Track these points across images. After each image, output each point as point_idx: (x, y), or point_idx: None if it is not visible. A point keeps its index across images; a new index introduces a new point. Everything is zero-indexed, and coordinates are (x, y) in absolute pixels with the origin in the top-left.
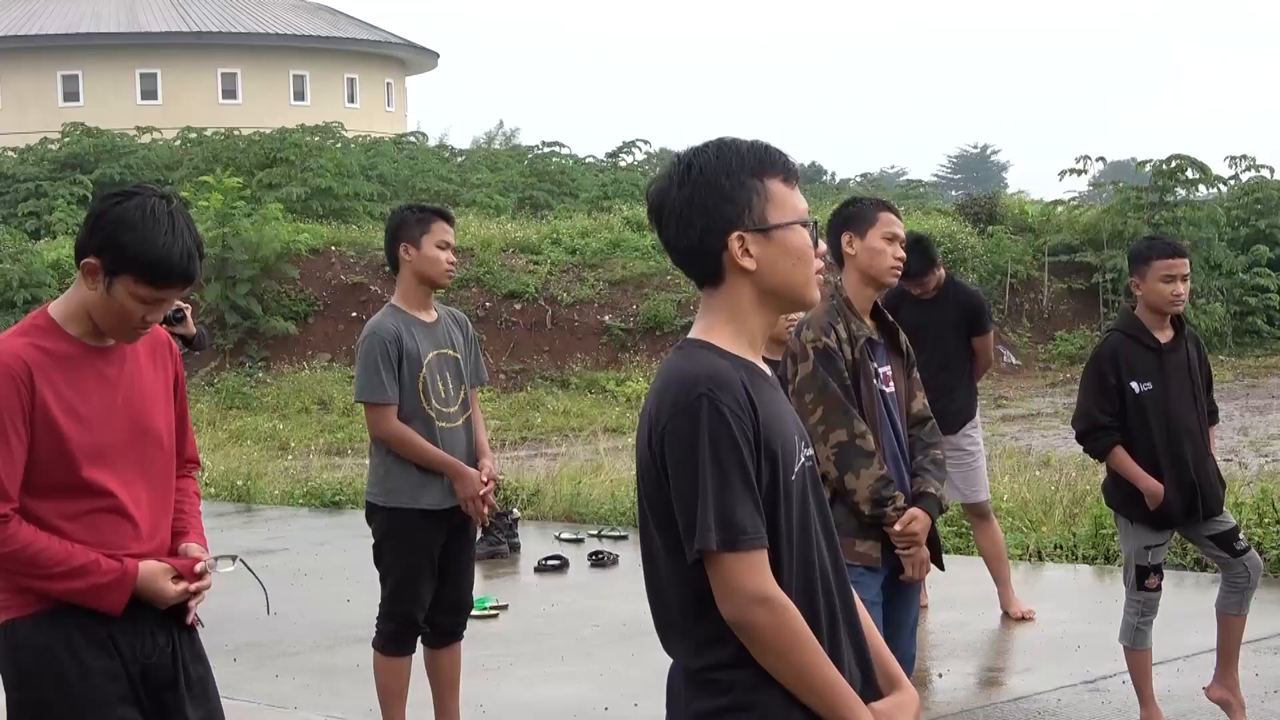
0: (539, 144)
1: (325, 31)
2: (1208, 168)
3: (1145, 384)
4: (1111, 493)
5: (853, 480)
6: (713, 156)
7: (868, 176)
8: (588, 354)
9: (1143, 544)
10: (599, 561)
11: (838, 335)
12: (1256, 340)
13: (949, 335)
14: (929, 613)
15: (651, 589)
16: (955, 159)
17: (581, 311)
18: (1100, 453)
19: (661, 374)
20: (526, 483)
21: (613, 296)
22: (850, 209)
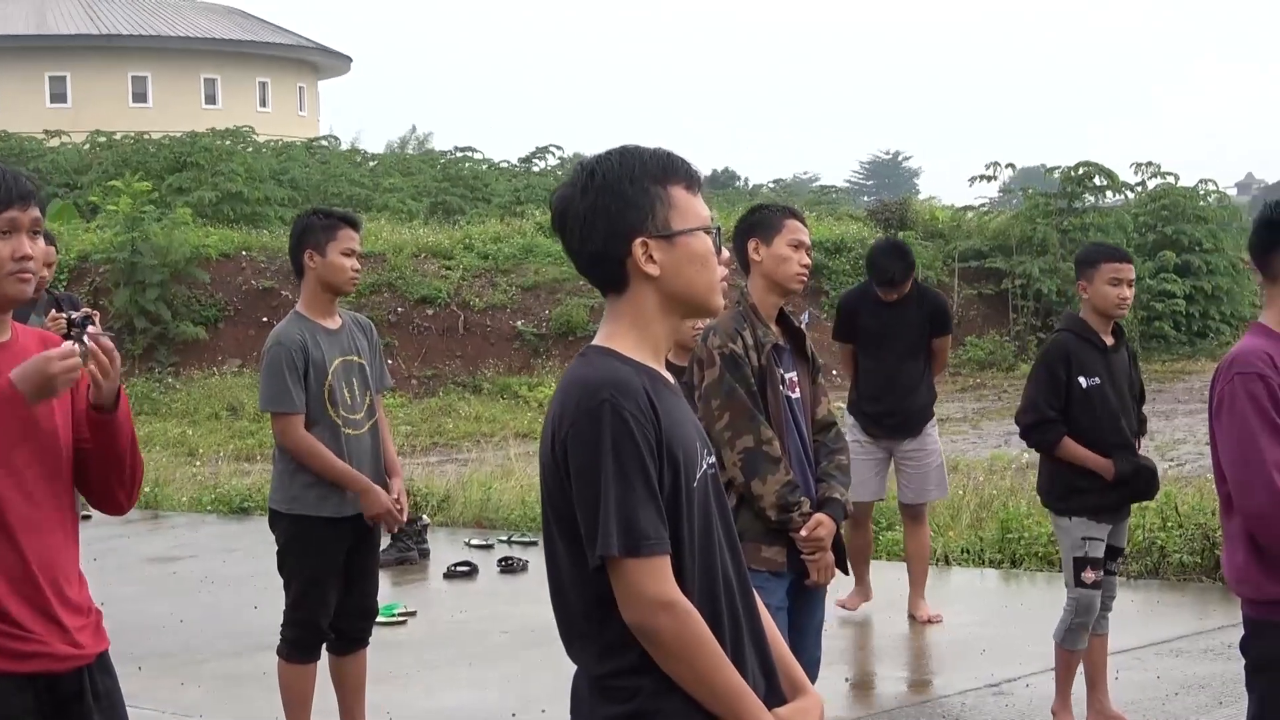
0: (452, 149)
1: (237, 35)
2: (1115, 174)
3: (1093, 379)
4: (1049, 490)
5: (759, 486)
6: (616, 163)
7: (780, 182)
8: (500, 359)
9: (1080, 535)
10: (508, 567)
11: (744, 341)
12: (1163, 345)
13: (912, 337)
14: (837, 616)
15: (555, 595)
16: (867, 165)
17: (494, 317)
18: (1050, 444)
19: (565, 380)
20: (436, 489)
21: (525, 302)
22: (757, 216)
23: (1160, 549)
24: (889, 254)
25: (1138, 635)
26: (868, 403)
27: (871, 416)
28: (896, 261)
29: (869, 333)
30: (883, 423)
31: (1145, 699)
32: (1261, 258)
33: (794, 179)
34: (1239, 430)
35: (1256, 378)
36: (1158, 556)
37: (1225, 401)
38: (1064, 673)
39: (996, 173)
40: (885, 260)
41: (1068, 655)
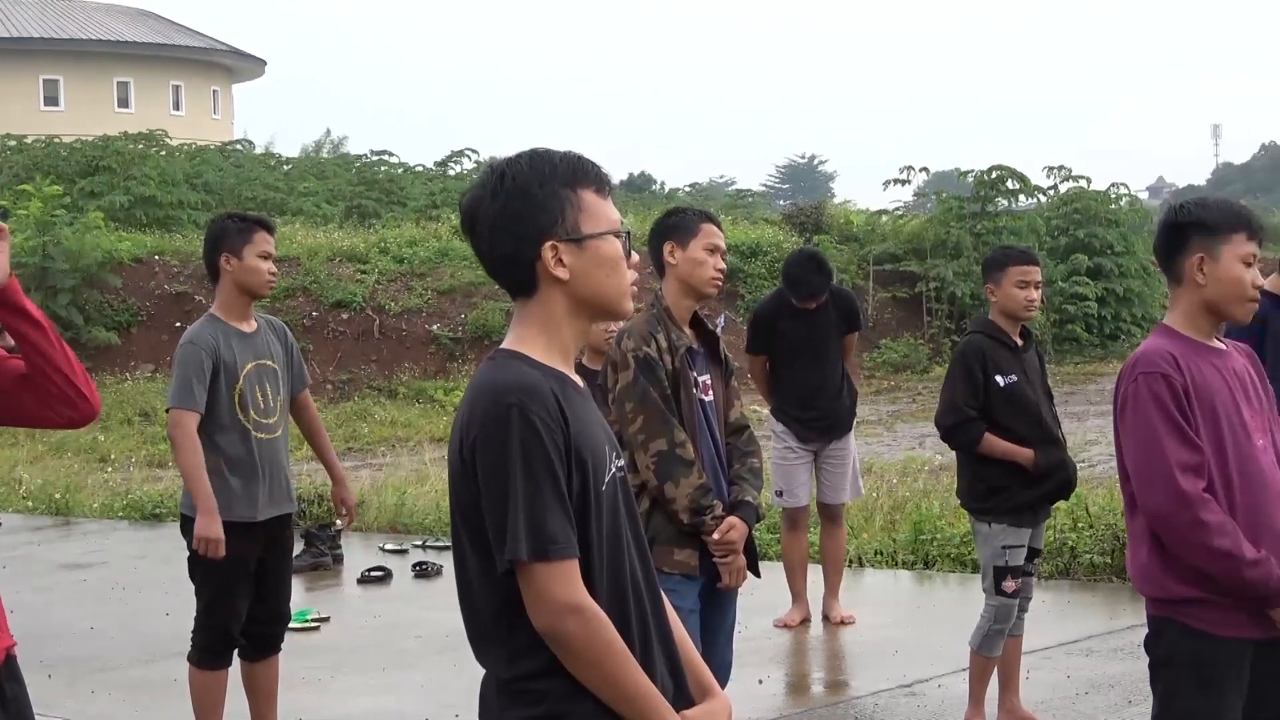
0: (367, 152)
1: (150, 38)
2: (1027, 178)
3: (1010, 377)
4: (969, 493)
5: (672, 489)
6: (526, 167)
7: (697, 186)
8: (415, 363)
9: (1001, 544)
10: (423, 572)
11: (658, 344)
12: (1075, 348)
13: (832, 341)
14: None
15: (464, 599)
16: (783, 169)
17: (409, 321)
18: (972, 442)
19: (473, 384)
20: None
21: (441, 305)
22: (673, 219)
23: (1071, 549)
24: (807, 267)
25: (1049, 635)
26: (798, 409)
27: (804, 422)
28: (815, 274)
29: (789, 340)
30: (815, 426)
31: (1056, 698)
32: (1166, 260)
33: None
34: (1142, 430)
35: (1160, 378)
36: (1068, 557)
37: (1129, 401)
38: (978, 678)
39: (911, 176)
40: (804, 274)
41: (983, 661)
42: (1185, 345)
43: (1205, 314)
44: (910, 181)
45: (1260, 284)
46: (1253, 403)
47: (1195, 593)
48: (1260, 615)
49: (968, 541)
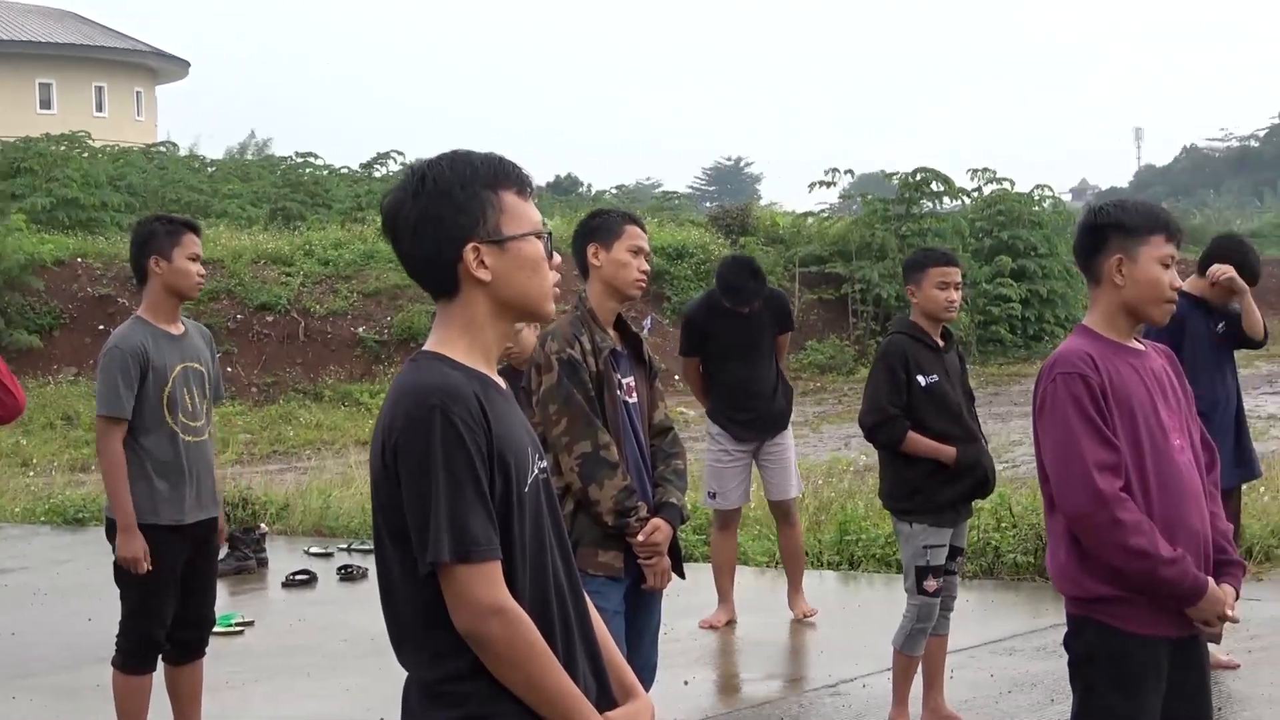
0: (292, 155)
1: (73, 39)
2: (951, 180)
3: (931, 376)
4: (891, 493)
5: (596, 491)
6: (447, 168)
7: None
8: (341, 366)
9: (922, 544)
10: (348, 575)
11: (582, 346)
12: (999, 349)
13: (764, 341)
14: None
15: (385, 601)
16: (710, 171)
17: (335, 323)
18: (895, 440)
19: (395, 386)
20: (276, 497)
21: (366, 308)
22: (596, 221)
23: (995, 549)
24: (742, 274)
25: (972, 635)
26: (733, 410)
27: (740, 422)
28: (750, 280)
29: (721, 342)
30: (751, 426)
31: (979, 697)
32: (1085, 261)
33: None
34: (1060, 430)
35: (1078, 378)
36: (992, 557)
37: (1047, 402)
38: (902, 677)
39: (836, 179)
40: (739, 280)
41: (906, 660)
42: (1104, 346)
43: (1124, 315)
44: (836, 184)
45: (1178, 285)
46: (1170, 403)
47: (1113, 591)
48: (1177, 613)
49: (892, 542)
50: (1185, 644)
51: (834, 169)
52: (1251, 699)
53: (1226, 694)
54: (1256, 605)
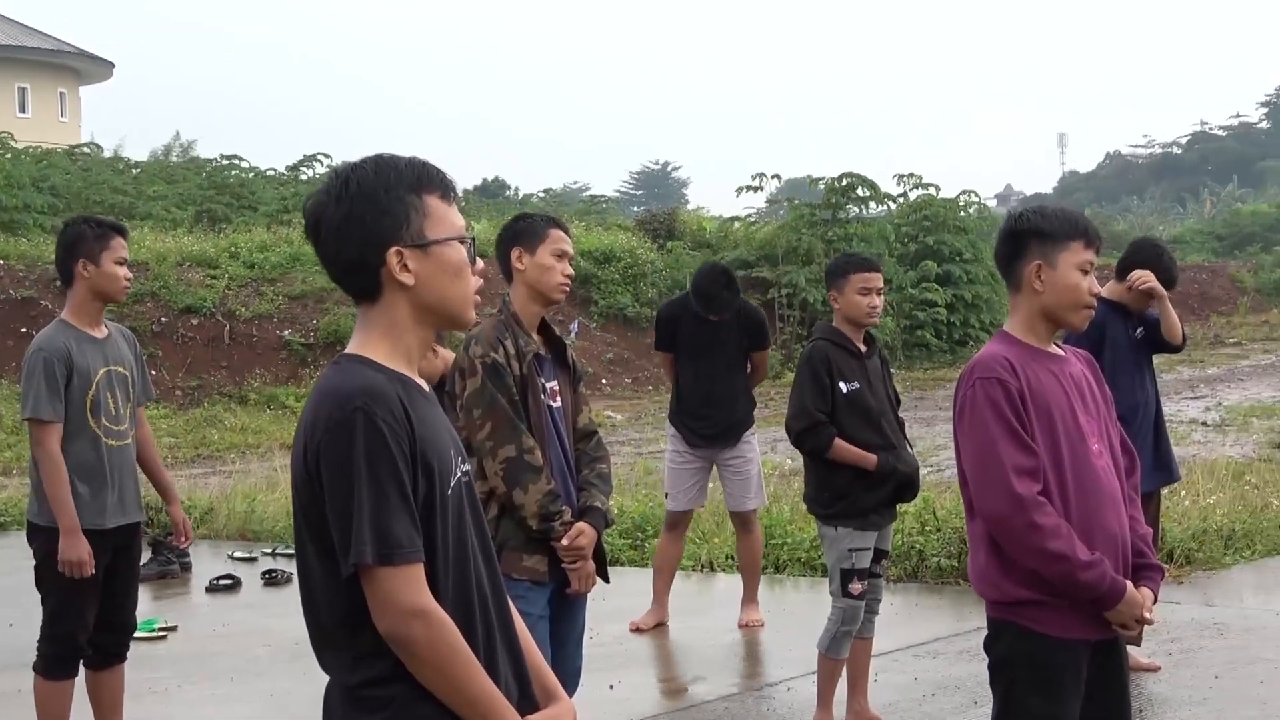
0: (217, 156)
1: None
2: (877, 186)
3: (852, 384)
4: (816, 498)
5: (521, 495)
6: (371, 172)
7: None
8: (267, 369)
9: (847, 547)
10: (272, 580)
11: (506, 350)
12: (925, 353)
13: (731, 350)
14: (601, 624)
15: (306, 604)
16: (637, 175)
17: (260, 326)
18: (822, 448)
19: (317, 389)
20: (200, 501)
21: (292, 311)
22: (520, 225)
23: (919, 553)
24: (717, 283)
25: (896, 638)
26: (689, 415)
27: (694, 429)
28: (723, 291)
29: (690, 346)
30: (703, 433)
31: (903, 700)
32: (1006, 267)
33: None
34: (979, 435)
35: (997, 383)
36: (916, 560)
37: (967, 406)
38: (826, 680)
39: (763, 183)
40: (713, 289)
41: (831, 663)
42: (1023, 351)
43: (1043, 320)
44: (763, 188)
45: (1097, 291)
46: (1089, 408)
47: (1032, 595)
48: (1096, 616)
49: (816, 546)
50: (1105, 647)
51: (761, 174)
52: (1172, 700)
53: (1148, 696)
54: (1177, 608)
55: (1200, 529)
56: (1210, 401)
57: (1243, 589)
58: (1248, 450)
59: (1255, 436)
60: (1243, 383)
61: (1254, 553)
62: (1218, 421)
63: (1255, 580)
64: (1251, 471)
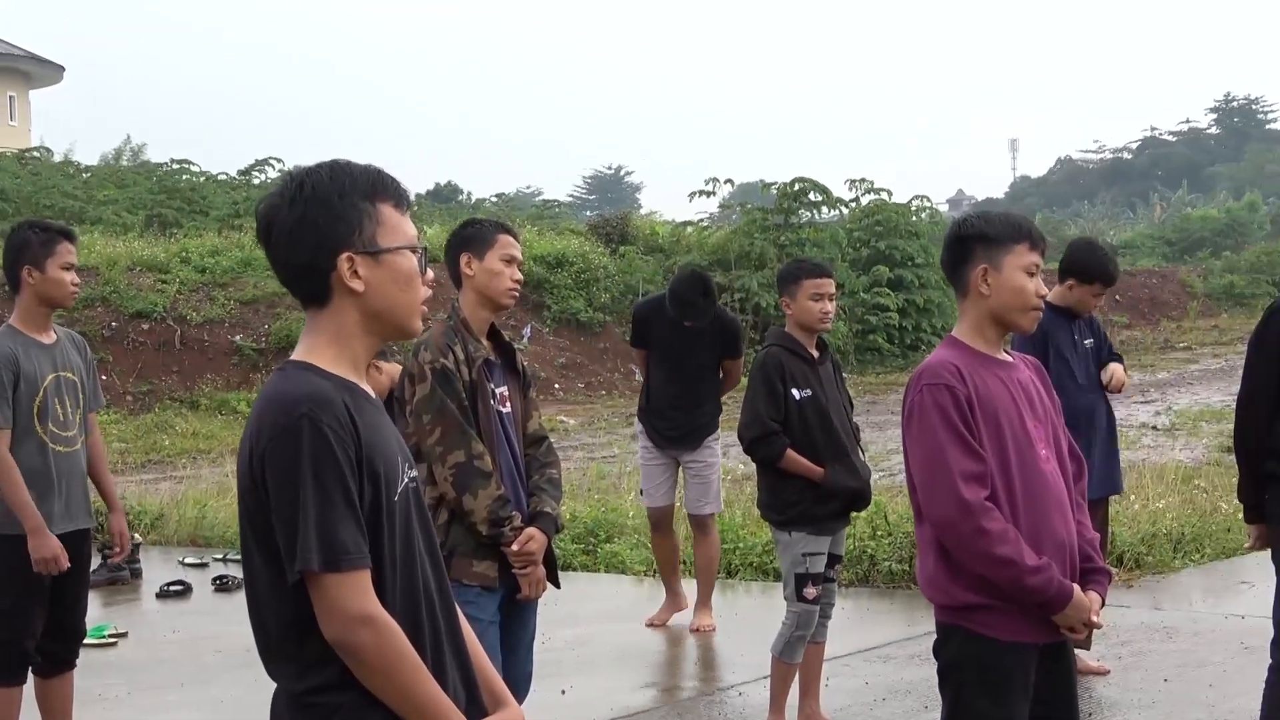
0: (168, 161)
1: None
2: (829, 190)
3: (805, 391)
4: (769, 504)
5: (470, 501)
6: (325, 177)
7: (503, 196)
8: (218, 374)
9: (801, 552)
10: (223, 586)
11: (455, 356)
12: (877, 358)
13: (703, 354)
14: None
15: (253, 611)
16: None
17: (212, 331)
18: (774, 458)
19: (263, 395)
20: (150, 507)
21: (244, 316)
22: (468, 230)
23: (870, 557)
24: (694, 290)
25: (848, 642)
26: (656, 415)
27: (658, 430)
28: (701, 298)
29: (662, 347)
30: (667, 435)
31: (854, 704)
32: (952, 273)
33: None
34: (927, 440)
35: (945, 389)
36: (868, 565)
37: (915, 412)
38: (780, 684)
39: (716, 188)
40: (690, 296)
41: (785, 667)
42: (971, 357)
43: (991, 324)
44: (715, 193)
45: (1044, 294)
46: (1037, 413)
47: (981, 599)
48: (1044, 620)
49: (769, 550)
50: (1053, 650)
51: (714, 178)
52: (1121, 704)
53: (1097, 700)
54: (1126, 612)
55: (1150, 533)
56: (1160, 406)
57: (1192, 592)
58: (1197, 454)
59: (1205, 441)
60: (1192, 387)
61: (1203, 556)
62: (1167, 426)
63: (1204, 584)
64: (1201, 476)
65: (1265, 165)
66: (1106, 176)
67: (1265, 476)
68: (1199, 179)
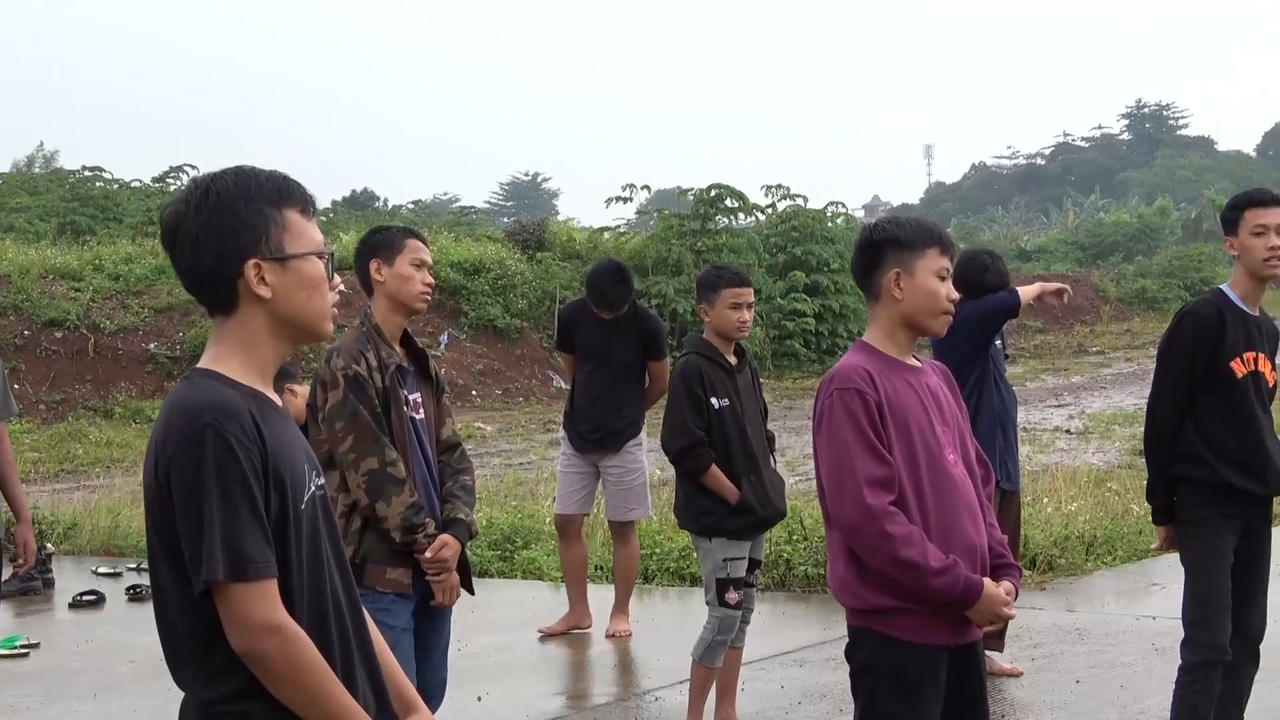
0: (81, 168)
1: None
2: (746, 197)
3: (723, 400)
4: (685, 511)
5: (384, 508)
6: (231, 183)
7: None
8: (132, 383)
9: (722, 557)
10: (136, 595)
11: (368, 362)
12: (794, 363)
13: (625, 356)
14: (470, 636)
15: (161, 620)
16: (507, 186)
17: (125, 339)
18: (699, 471)
19: (167, 404)
20: (63, 516)
21: (158, 324)
22: (377, 237)
23: (786, 562)
24: (610, 278)
25: (763, 646)
26: (577, 417)
27: (579, 433)
28: (617, 285)
29: (584, 348)
30: (588, 438)
31: (769, 708)
32: (863, 278)
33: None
34: (835, 444)
35: (854, 393)
36: (784, 569)
37: (825, 416)
38: (699, 689)
39: (633, 195)
40: (606, 283)
41: (705, 672)
42: (882, 361)
43: (903, 329)
44: (632, 200)
45: (955, 297)
46: (945, 418)
47: (891, 602)
48: (955, 622)
49: (686, 555)
50: (963, 652)
51: (630, 185)
52: (1034, 705)
53: (1010, 701)
54: (1039, 614)
55: (1062, 535)
56: (1074, 409)
57: (1104, 594)
58: (1110, 457)
59: (1117, 444)
60: (1105, 391)
61: (1115, 559)
62: (1081, 429)
63: (1116, 586)
64: (1113, 478)
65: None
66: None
67: (1174, 479)
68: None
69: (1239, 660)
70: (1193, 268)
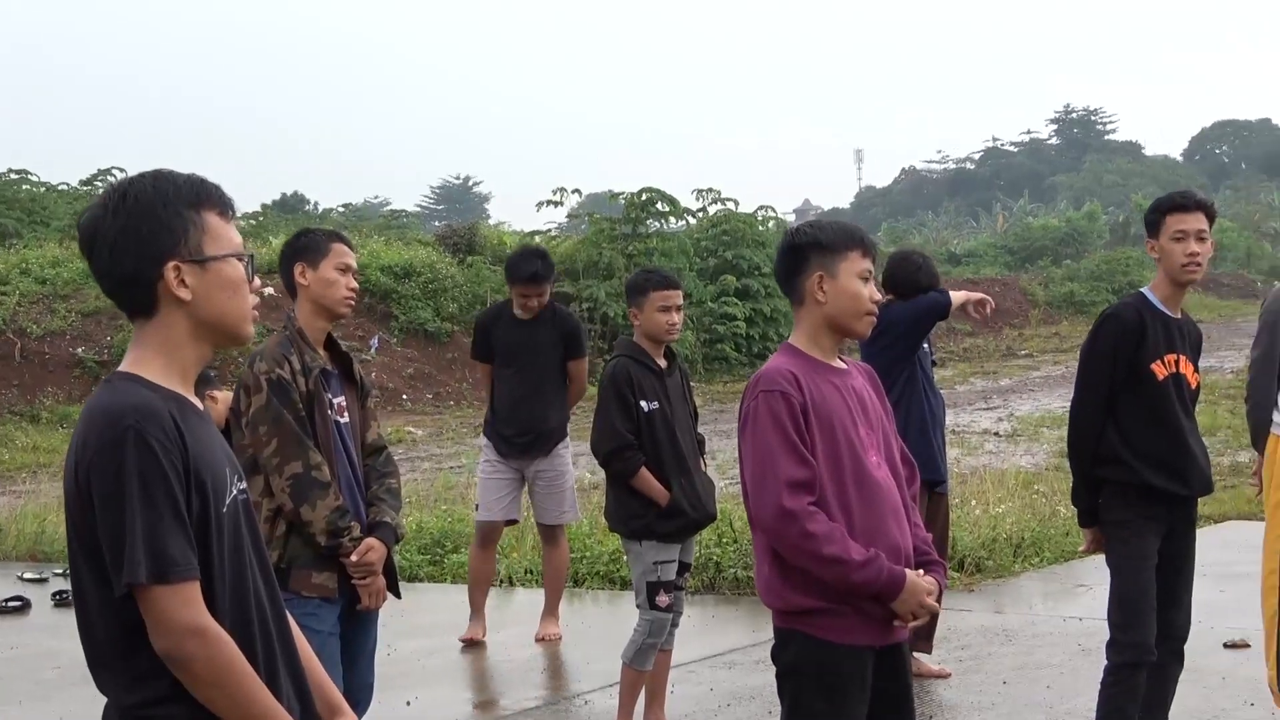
0: (6, 171)
1: None
2: (677, 201)
3: (653, 403)
4: (615, 514)
5: (309, 512)
6: (149, 186)
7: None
8: (59, 387)
9: (652, 560)
10: (63, 601)
11: (291, 366)
12: (725, 367)
13: (546, 357)
14: (399, 640)
15: (82, 625)
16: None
17: (53, 344)
18: (629, 474)
19: (88, 407)
20: None
21: (86, 328)
22: (302, 240)
23: (716, 564)
24: (529, 256)
25: (693, 649)
26: (501, 422)
27: (504, 438)
28: (537, 261)
29: (504, 350)
30: (514, 442)
31: (699, 711)
32: (787, 282)
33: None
34: (759, 446)
35: (779, 396)
36: (713, 572)
37: (749, 417)
38: (629, 692)
39: (564, 198)
40: (524, 260)
41: (635, 675)
42: (807, 364)
43: (827, 331)
44: (563, 203)
45: (878, 299)
46: (870, 420)
47: (816, 603)
48: (880, 622)
49: (616, 559)
50: (889, 653)
51: (561, 188)
52: (961, 706)
53: (937, 702)
54: (967, 615)
55: (990, 537)
56: (1002, 412)
57: (1031, 596)
58: (1038, 460)
59: (1045, 446)
60: (1034, 393)
61: (1042, 560)
62: (1009, 432)
63: (1043, 587)
64: (1041, 480)
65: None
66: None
67: (1098, 481)
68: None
69: (1164, 660)
70: (1120, 272)
